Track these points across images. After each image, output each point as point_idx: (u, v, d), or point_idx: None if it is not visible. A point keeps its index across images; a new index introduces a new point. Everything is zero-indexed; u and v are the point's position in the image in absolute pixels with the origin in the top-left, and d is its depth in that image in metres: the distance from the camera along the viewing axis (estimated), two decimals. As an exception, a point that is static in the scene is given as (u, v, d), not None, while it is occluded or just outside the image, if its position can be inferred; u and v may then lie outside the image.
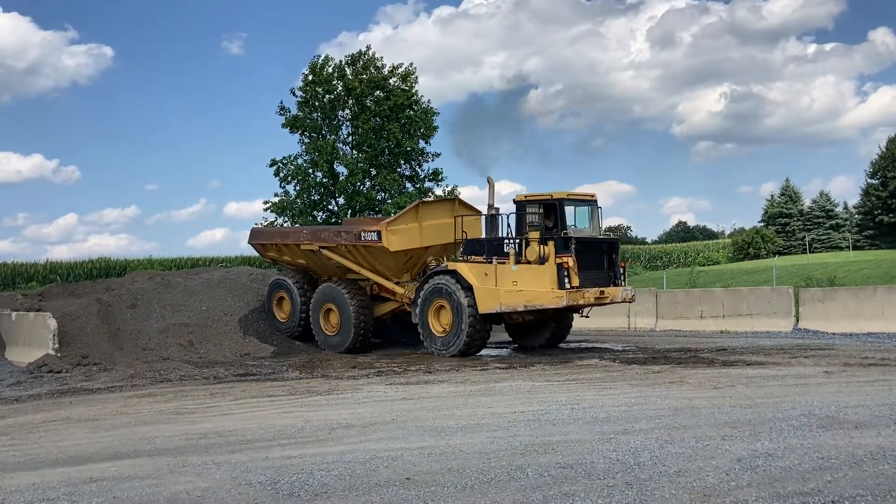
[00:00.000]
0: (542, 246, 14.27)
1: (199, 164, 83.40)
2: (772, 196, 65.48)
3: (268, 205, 30.14)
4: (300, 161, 29.73)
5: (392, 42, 73.75)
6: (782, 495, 5.14)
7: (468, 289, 14.93)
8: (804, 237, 57.63)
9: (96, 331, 16.08)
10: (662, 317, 19.85)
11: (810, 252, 52.15)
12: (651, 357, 13.82)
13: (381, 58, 30.38)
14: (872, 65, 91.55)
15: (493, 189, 15.92)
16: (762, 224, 63.07)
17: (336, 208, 29.84)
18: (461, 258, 16.01)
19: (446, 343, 15.21)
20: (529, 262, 14.40)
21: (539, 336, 16.65)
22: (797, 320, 17.93)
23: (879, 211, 56.97)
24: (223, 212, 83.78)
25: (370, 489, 5.64)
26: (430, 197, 28.34)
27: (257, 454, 6.93)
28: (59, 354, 14.80)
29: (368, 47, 30.60)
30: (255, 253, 23.39)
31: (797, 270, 32.01)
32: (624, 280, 15.42)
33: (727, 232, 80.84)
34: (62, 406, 10.62)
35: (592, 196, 15.51)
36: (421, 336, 15.67)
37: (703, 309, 19.19)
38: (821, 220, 61.78)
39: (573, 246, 14.24)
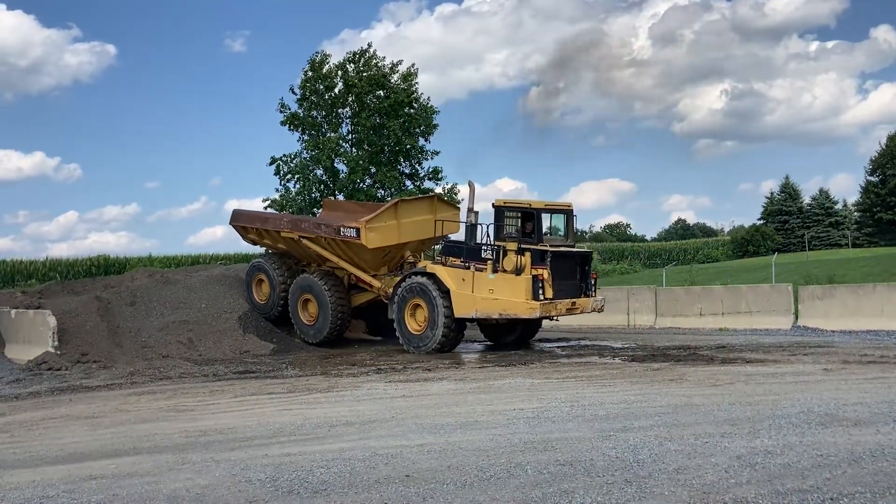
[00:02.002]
0: (518, 256, 14.56)
1: (200, 161, 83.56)
2: (771, 193, 65.51)
3: (268, 202, 30.15)
4: (300, 158, 29.71)
5: (394, 39, 73.82)
6: (781, 492, 5.15)
7: (445, 293, 15.20)
8: (804, 235, 57.61)
9: (96, 328, 16.10)
10: (662, 314, 19.85)
11: (809, 249, 52.11)
12: (650, 354, 13.82)
13: (384, 57, 30.35)
14: (874, 62, 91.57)
15: (474, 193, 16.10)
16: (762, 221, 63.06)
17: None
18: (439, 258, 16.29)
19: (421, 341, 15.45)
20: (506, 272, 14.68)
21: (510, 334, 17.13)
22: (796, 318, 17.92)
23: (879, 208, 57.02)
24: (224, 209, 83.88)
25: (370, 486, 5.64)
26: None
27: (257, 451, 6.93)
28: (58, 352, 14.80)
29: (370, 45, 30.58)
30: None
31: (796, 268, 31.97)
32: (595, 291, 15.93)
33: (726, 230, 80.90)
34: (62, 403, 10.62)
35: (569, 206, 15.98)
36: (396, 332, 15.90)
37: (703, 306, 19.18)
38: (820, 217, 61.77)
39: (548, 259, 14.58)
